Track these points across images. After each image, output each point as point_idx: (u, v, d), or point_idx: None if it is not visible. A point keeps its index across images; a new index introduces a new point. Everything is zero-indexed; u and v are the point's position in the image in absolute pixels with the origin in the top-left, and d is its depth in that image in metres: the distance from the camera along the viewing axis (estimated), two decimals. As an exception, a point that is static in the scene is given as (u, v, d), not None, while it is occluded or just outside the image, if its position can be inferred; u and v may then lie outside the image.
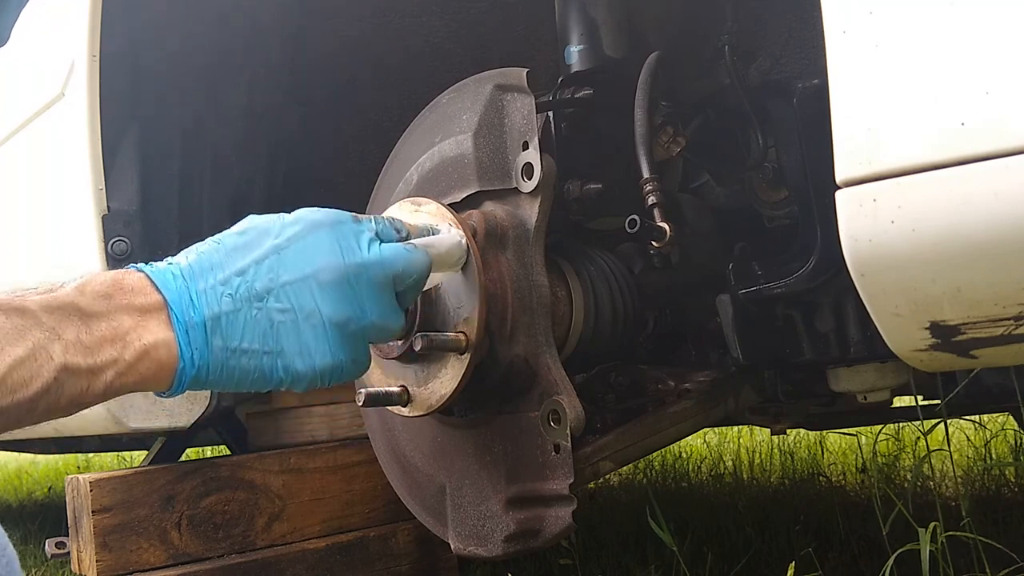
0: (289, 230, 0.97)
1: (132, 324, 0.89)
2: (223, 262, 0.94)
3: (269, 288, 0.94)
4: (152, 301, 0.90)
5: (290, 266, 0.95)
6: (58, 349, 0.83)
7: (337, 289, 0.96)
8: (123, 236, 1.64)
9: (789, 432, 3.22)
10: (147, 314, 0.90)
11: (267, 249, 0.95)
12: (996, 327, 0.90)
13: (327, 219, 0.99)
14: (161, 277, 0.92)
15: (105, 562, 1.52)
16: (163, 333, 0.90)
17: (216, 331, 0.92)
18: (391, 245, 1.02)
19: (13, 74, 2.03)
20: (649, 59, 1.34)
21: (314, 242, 0.96)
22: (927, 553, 1.36)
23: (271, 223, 0.98)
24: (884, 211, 0.89)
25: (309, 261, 0.95)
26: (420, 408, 1.20)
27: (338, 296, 0.96)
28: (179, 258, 0.95)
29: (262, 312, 0.93)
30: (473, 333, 1.14)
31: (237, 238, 0.96)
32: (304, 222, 0.98)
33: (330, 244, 0.97)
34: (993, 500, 2.50)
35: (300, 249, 0.96)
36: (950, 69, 0.85)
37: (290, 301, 0.94)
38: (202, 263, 0.94)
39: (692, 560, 1.90)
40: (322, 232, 0.97)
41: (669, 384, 1.39)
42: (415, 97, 1.62)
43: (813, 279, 1.24)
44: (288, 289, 0.94)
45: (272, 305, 0.94)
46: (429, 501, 1.35)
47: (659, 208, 1.29)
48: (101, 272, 0.91)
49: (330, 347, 0.96)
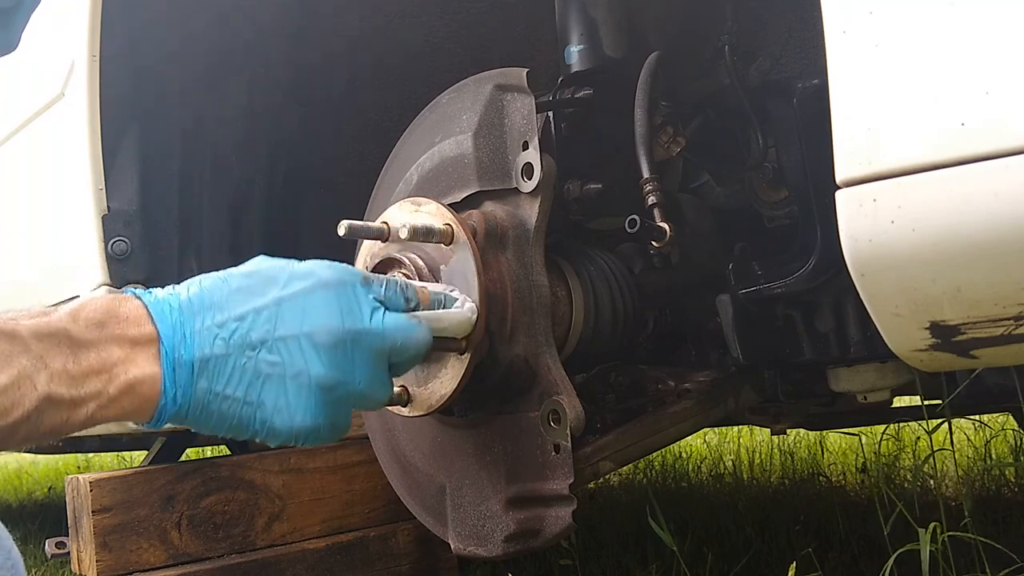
0: (295, 284, 0.95)
1: (121, 356, 0.88)
2: (224, 303, 0.93)
3: (264, 339, 0.92)
4: (145, 333, 0.90)
5: (289, 320, 0.93)
6: (43, 378, 0.83)
7: (330, 352, 0.94)
8: (123, 236, 1.64)
9: (789, 432, 3.22)
10: (137, 347, 0.89)
11: (270, 299, 0.94)
12: (996, 327, 0.90)
13: (335, 279, 0.97)
14: (158, 308, 0.91)
15: (105, 562, 1.51)
16: (150, 368, 0.89)
17: (203, 373, 0.91)
18: (395, 317, 1.00)
19: (13, 74, 2.03)
20: (649, 59, 1.34)
21: (317, 301, 0.95)
22: (927, 553, 1.36)
23: (279, 271, 0.96)
24: (884, 211, 0.89)
25: (308, 319, 0.94)
26: (420, 408, 1.20)
27: (330, 359, 0.94)
28: (181, 288, 0.94)
29: (251, 362, 0.92)
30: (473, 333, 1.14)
31: (243, 279, 0.95)
32: (312, 278, 0.96)
33: (333, 306, 0.95)
34: (993, 500, 2.50)
35: (302, 305, 0.94)
36: (950, 69, 0.85)
37: (281, 355, 0.93)
38: (203, 299, 0.93)
39: (692, 560, 1.90)
40: (328, 292, 0.96)
41: (669, 384, 1.39)
42: (415, 97, 1.62)
43: (813, 279, 1.24)
44: (282, 343, 0.93)
45: (263, 357, 0.92)
46: (429, 501, 1.35)
47: (659, 208, 1.29)
48: (99, 296, 0.91)
49: (312, 409, 0.94)
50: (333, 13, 1.81)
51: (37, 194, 1.91)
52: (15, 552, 0.84)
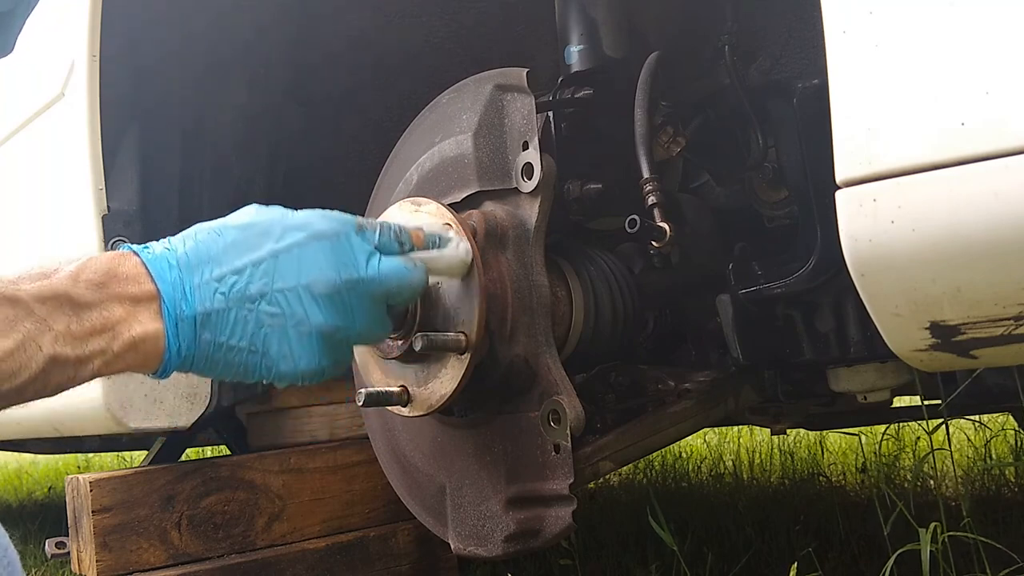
0: (290, 236, 0.97)
1: (123, 314, 0.90)
2: (220, 256, 0.94)
3: (263, 292, 0.94)
4: (145, 291, 0.91)
5: (286, 273, 0.95)
6: (47, 340, 0.85)
7: (329, 301, 0.97)
8: (123, 236, 1.64)
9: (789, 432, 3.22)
10: (139, 304, 0.91)
11: (266, 252, 0.95)
12: (996, 327, 0.90)
13: (330, 229, 0.99)
14: (156, 266, 0.92)
15: (105, 562, 1.51)
16: (152, 325, 0.91)
17: (206, 326, 0.93)
18: (390, 261, 1.02)
19: (13, 74, 2.03)
20: (649, 59, 1.34)
21: (313, 253, 0.97)
22: (927, 554, 1.36)
23: (273, 223, 0.98)
24: (884, 211, 0.89)
25: (305, 271, 0.96)
26: (420, 408, 1.20)
27: (329, 308, 0.97)
28: (177, 242, 0.96)
29: (252, 313, 0.94)
30: (473, 333, 1.14)
31: (238, 232, 0.96)
32: (307, 230, 0.98)
33: (328, 257, 0.97)
34: (993, 500, 2.50)
35: (298, 257, 0.96)
36: (950, 69, 0.85)
37: (281, 307, 0.95)
38: (199, 254, 0.94)
39: (692, 560, 1.90)
40: (323, 243, 0.97)
41: (669, 384, 1.39)
42: (415, 97, 1.62)
43: (813, 279, 1.24)
44: (281, 295, 0.95)
45: (264, 308, 0.95)
46: (429, 501, 1.36)
47: (659, 208, 1.29)
48: (98, 256, 0.92)
49: (315, 353, 0.97)
50: (333, 13, 1.81)
51: (37, 194, 1.91)
52: (11, 551, 0.85)
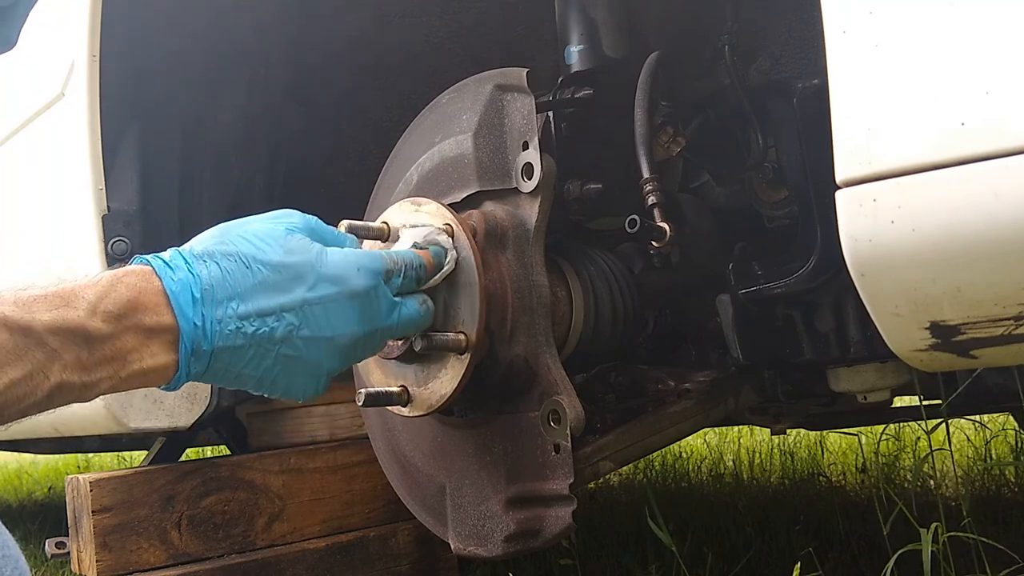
0: (324, 288, 0.97)
1: (135, 344, 0.89)
2: (247, 294, 0.94)
3: (287, 337, 0.96)
4: (163, 323, 0.91)
5: (313, 324, 0.97)
6: (56, 369, 0.85)
7: (348, 350, 1.01)
8: (123, 236, 1.64)
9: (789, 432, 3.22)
10: (153, 335, 0.90)
11: (297, 299, 0.96)
12: (996, 327, 0.90)
13: (363, 288, 1.00)
14: (180, 298, 0.91)
15: (105, 562, 1.51)
16: (164, 357, 0.91)
17: (221, 357, 0.93)
18: (409, 308, 1.06)
19: (13, 72, 2.03)
20: (649, 59, 1.34)
21: (343, 311, 0.98)
22: (928, 553, 1.36)
23: (307, 267, 0.97)
24: (884, 211, 0.88)
25: (333, 327, 0.98)
26: (420, 408, 1.20)
27: (346, 355, 1.01)
28: (200, 263, 0.94)
29: (271, 353, 0.96)
30: (473, 333, 1.14)
31: (269, 273, 0.95)
32: (340, 285, 0.98)
33: (358, 316, 1.00)
34: (993, 500, 2.50)
35: (328, 312, 0.98)
36: (950, 69, 0.85)
37: (300, 351, 0.97)
38: (226, 288, 0.93)
39: (692, 560, 1.90)
40: (355, 302, 0.99)
41: (669, 384, 1.39)
42: (415, 97, 1.62)
43: (813, 279, 1.24)
44: (303, 341, 0.97)
45: (283, 351, 0.96)
46: (429, 501, 1.35)
47: (659, 208, 1.29)
48: (124, 278, 0.90)
49: (319, 386, 1.02)
50: (333, 13, 1.81)
51: (37, 194, 1.91)
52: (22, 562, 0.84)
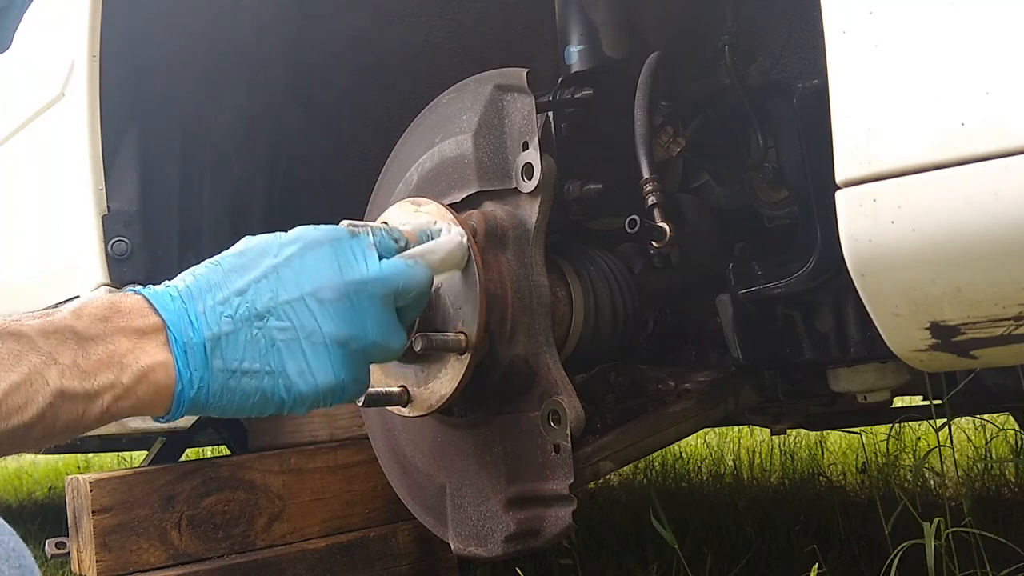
0: (287, 249, 0.96)
1: (130, 346, 0.88)
2: (221, 282, 0.93)
3: (269, 308, 0.93)
4: (150, 323, 0.89)
5: (289, 284, 0.94)
6: (54, 374, 0.82)
7: (338, 307, 0.95)
8: (123, 236, 1.64)
9: (789, 432, 3.22)
10: (145, 336, 0.89)
11: (265, 268, 0.94)
12: (996, 327, 0.90)
13: (325, 236, 0.98)
14: (159, 299, 0.91)
15: (105, 562, 1.51)
16: (161, 355, 0.89)
17: (216, 352, 0.91)
18: (391, 261, 1.00)
19: (13, 74, 2.03)
20: (649, 59, 1.34)
21: (313, 260, 0.96)
22: (932, 548, 1.36)
23: (269, 242, 0.97)
24: (884, 211, 0.88)
25: (309, 279, 0.95)
26: (420, 408, 1.20)
27: (339, 314, 0.95)
28: (176, 281, 0.95)
29: (262, 331, 0.92)
30: (473, 333, 1.14)
31: (235, 258, 0.95)
32: (302, 240, 0.97)
33: (329, 262, 0.96)
34: (993, 500, 2.51)
35: (299, 267, 0.95)
36: (950, 69, 0.85)
37: (290, 320, 0.93)
38: (200, 284, 0.93)
39: (692, 560, 1.90)
40: (321, 250, 0.96)
41: (669, 384, 1.39)
42: (415, 97, 1.62)
43: (813, 279, 1.24)
44: (288, 308, 0.93)
45: (272, 324, 0.93)
46: (429, 501, 1.35)
47: (659, 208, 1.29)
48: (98, 296, 0.90)
49: (332, 366, 0.95)
50: (333, 13, 1.81)
51: (37, 194, 1.91)
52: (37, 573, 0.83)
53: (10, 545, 0.79)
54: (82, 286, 1.69)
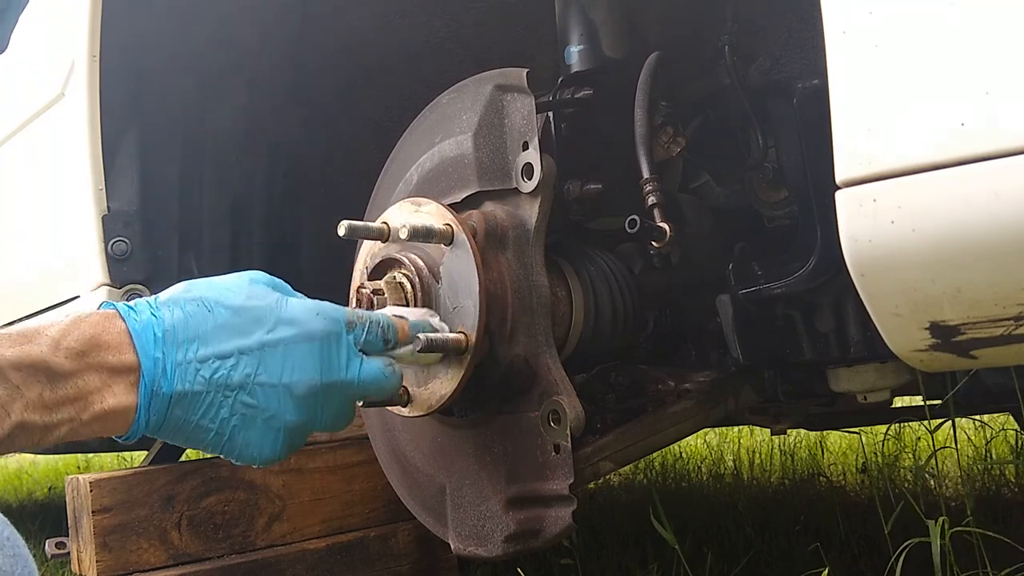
0: (281, 330, 0.98)
1: (99, 384, 0.90)
2: (208, 336, 0.95)
3: (244, 383, 0.96)
4: (125, 362, 0.92)
5: (270, 369, 0.97)
6: (18, 407, 0.85)
7: (306, 402, 0.99)
8: (123, 236, 1.64)
9: (789, 432, 3.22)
10: (116, 375, 0.91)
11: (254, 342, 0.96)
12: (996, 327, 0.90)
13: (321, 331, 1.00)
14: (142, 337, 0.93)
15: (105, 562, 1.51)
16: (126, 398, 0.92)
17: (180, 404, 0.94)
18: (371, 366, 1.03)
19: (13, 74, 2.03)
20: (649, 59, 1.34)
21: (300, 354, 0.98)
22: (938, 546, 1.36)
23: (266, 312, 0.98)
24: (884, 211, 0.88)
25: (290, 371, 0.97)
26: (420, 408, 1.20)
27: (304, 407, 0.99)
28: (165, 308, 0.96)
29: (229, 400, 0.96)
30: (473, 333, 1.14)
31: (229, 315, 0.97)
32: (299, 327, 0.99)
33: (314, 360, 0.99)
34: (993, 500, 2.51)
35: (284, 356, 0.97)
36: (950, 69, 0.85)
37: (258, 400, 0.96)
38: (187, 329, 0.95)
39: (692, 560, 1.90)
40: (312, 345, 0.99)
41: (669, 384, 1.39)
42: (415, 97, 1.62)
43: (813, 279, 1.24)
44: (260, 389, 0.96)
45: (241, 398, 0.96)
46: (429, 501, 1.35)
47: (659, 208, 1.29)
48: (87, 317, 0.92)
49: (277, 445, 0.99)
50: (333, 14, 1.81)
51: (37, 194, 1.91)
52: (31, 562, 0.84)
53: (4, 534, 0.81)
54: (82, 286, 1.69)
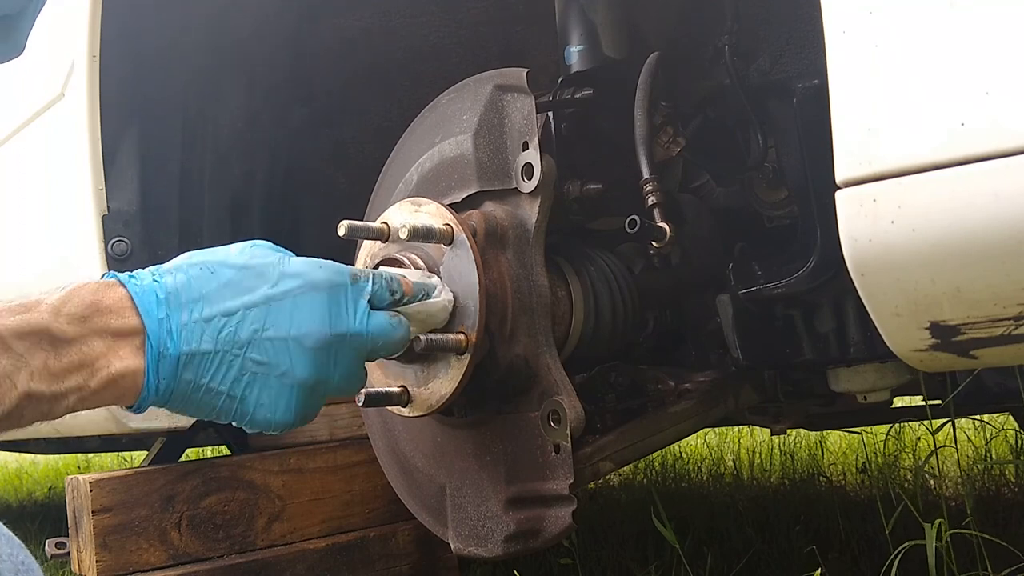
0: (286, 282, 0.96)
1: (103, 349, 0.88)
2: (212, 295, 0.93)
3: (252, 338, 0.94)
4: (129, 325, 0.90)
5: (278, 322, 0.95)
6: (23, 377, 0.84)
7: (316, 354, 0.97)
8: (123, 236, 1.64)
9: (789, 432, 3.22)
10: (120, 339, 0.89)
11: (259, 296, 0.95)
12: (996, 327, 0.90)
13: (325, 280, 0.98)
14: (144, 299, 0.91)
15: (105, 562, 1.51)
16: (133, 362, 0.90)
17: (189, 366, 0.92)
18: (378, 317, 1.02)
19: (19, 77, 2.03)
20: (649, 59, 1.34)
21: (307, 303, 0.96)
22: (933, 548, 1.36)
23: (269, 265, 0.97)
24: (884, 211, 0.88)
25: (298, 322, 0.95)
26: (420, 408, 1.20)
27: (315, 361, 0.97)
28: (167, 274, 0.94)
29: (239, 359, 0.94)
30: (473, 333, 1.14)
31: (233, 272, 0.95)
32: (303, 278, 0.97)
33: (322, 310, 0.97)
34: (993, 500, 2.51)
35: (292, 307, 0.95)
36: (950, 69, 0.85)
37: (269, 355, 0.95)
38: (190, 290, 0.93)
39: (692, 560, 1.90)
40: (318, 295, 0.97)
41: (669, 384, 1.39)
42: (415, 97, 1.62)
43: (813, 279, 1.24)
44: (270, 344, 0.95)
45: (250, 355, 0.94)
46: (429, 501, 1.35)
47: (659, 208, 1.29)
48: (83, 285, 0.90)
49: (292, 405, 0.97)
50: (333, 13, 1.81)
51: (38, 194, 1.91)
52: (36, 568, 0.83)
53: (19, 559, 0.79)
54: (82, 286, 1.69)
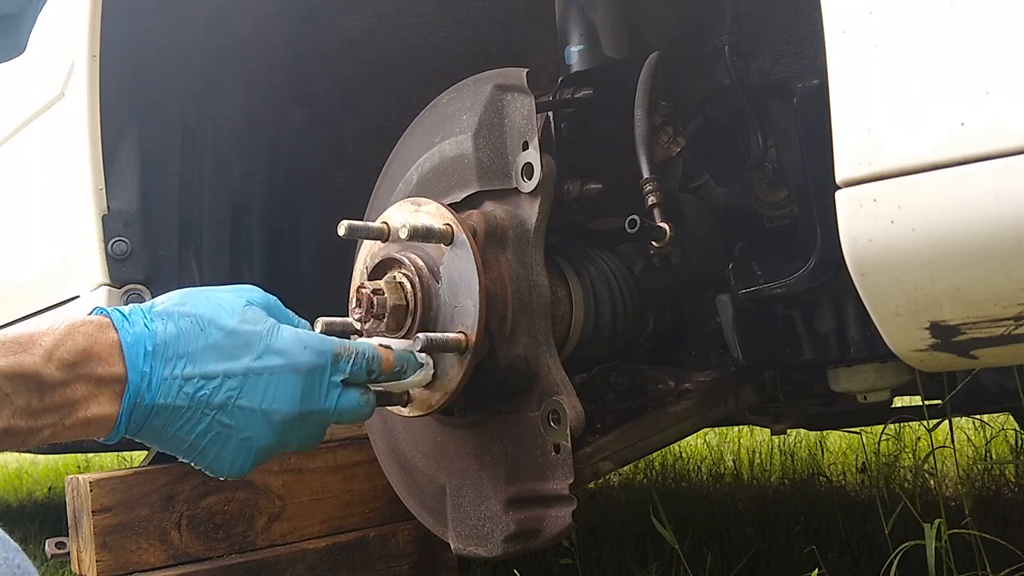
0: (269, 358, 1.00)
1: (85, 394, 0.93)
2: (196, 355, 0.98)
3: (224, 403, 0.98)
4: (114, 374, 0.95)
5: (252, 393, 0.99)
6: (5, 414, 0.88)
7: (282, 427, 1.02)
8: (123, 236, 1.64)
9: (789, 432, 3.22)
10: (103, 384, 0.94)
11: (240, 367, 0.99)
12: (996, 327, 0.90)
13: (307, 364, 1.02)
14: (132, 351, 0.95)
15: (105, 562, 1.51)
16: (109, 408, 0.95)
17: (160, 415, 0.97)
18: (349, 397, 1.05)
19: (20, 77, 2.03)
20: (649, 59, 1.34)
21: (284, 383, 1.00)
22: (932, 548, 1.36)
23: (257, 335, 1.00)
24: (884, 211, 0.88)
25: (270, 399, 1.00)
26: (420, 408, 1.20)
27: (278, 432, 1.02)
28: (159, 319, 0.98)
29: (207, 418, 0.98)
30: (473, 333, 1.14)
31: (221, 337, 0.99)
32: (285, 358, 1.01)
33: (296, 392, 1.01)
34: (993, 500, 2.50)
35: (268, 383, 1.00)
36: (950, 69, 0.85)
37: (236, 421, 0.99)
38: (177, 345, 0.97)
39: (692, 560, 1.90)
40: (297, 377, 1.01)
41: (669, 384, 1.39)
42: (415, 97, 1.62)
43: (813, 279, 1.24)
44: (240, 412, 0.99)
45: (219, 418, 0.99)
46: (429, 501, 1.35)
47: (659, 208, 1.29)
48: (82, 324, 0.95)
49: (247, 464, 1.02)
50: (333, 13, 1.81)
51: (38, 194, 1.91)
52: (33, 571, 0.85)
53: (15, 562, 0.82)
54: (82, 286, 1.69)
